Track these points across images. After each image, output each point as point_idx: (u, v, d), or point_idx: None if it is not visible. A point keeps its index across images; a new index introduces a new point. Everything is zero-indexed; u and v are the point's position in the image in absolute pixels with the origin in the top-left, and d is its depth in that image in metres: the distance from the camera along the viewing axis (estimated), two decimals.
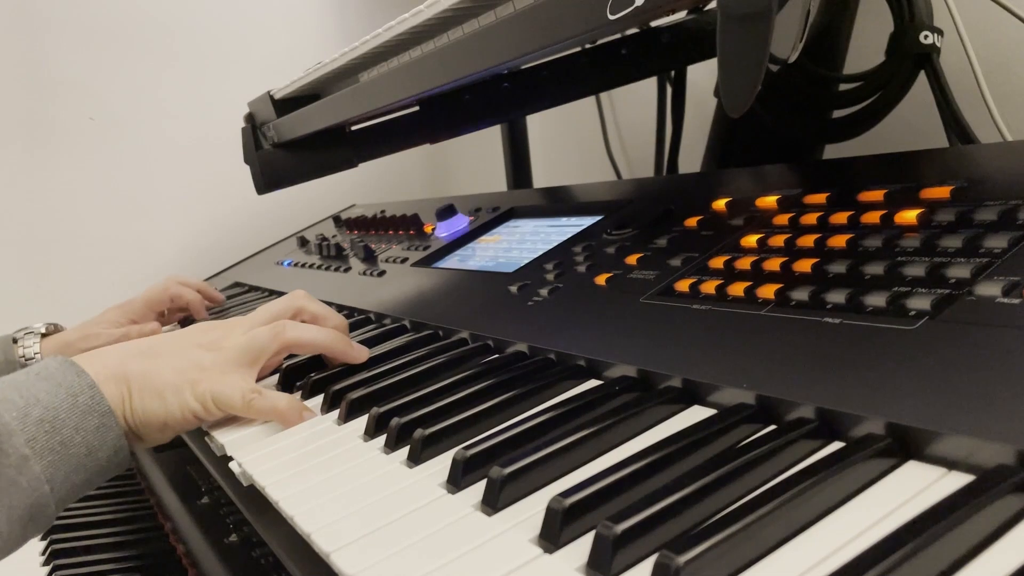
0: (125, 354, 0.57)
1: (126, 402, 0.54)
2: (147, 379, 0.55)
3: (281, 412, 0.54)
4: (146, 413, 0.55)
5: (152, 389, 0.55)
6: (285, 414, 0.54)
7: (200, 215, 1.45)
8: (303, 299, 0.65)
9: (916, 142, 0.61)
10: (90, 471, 0.52)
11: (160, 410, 0.55)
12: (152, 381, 0.55)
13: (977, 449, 0.30)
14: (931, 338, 0.36)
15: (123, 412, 0.54)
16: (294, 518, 0.41)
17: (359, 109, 0.79)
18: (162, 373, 0.56)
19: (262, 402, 0.55)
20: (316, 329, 0.62)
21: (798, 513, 0.30)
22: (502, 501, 0.37)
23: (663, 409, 0.42)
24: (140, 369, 0.56)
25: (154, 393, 0.55)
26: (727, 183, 0.66)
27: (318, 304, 0.66)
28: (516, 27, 0.52)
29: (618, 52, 0.90)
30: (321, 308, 0.65)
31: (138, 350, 0.58)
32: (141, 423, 0.55)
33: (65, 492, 0.50)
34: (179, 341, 0.60)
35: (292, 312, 0.64)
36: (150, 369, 0.56)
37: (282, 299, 0.65)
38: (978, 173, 0.48)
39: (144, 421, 0.55)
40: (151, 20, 1.39)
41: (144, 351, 0.58)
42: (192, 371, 0.57)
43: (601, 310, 0.55)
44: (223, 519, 0.84)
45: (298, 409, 0.55)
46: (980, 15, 0.72)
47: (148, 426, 0.55)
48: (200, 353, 0.58)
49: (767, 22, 0.38)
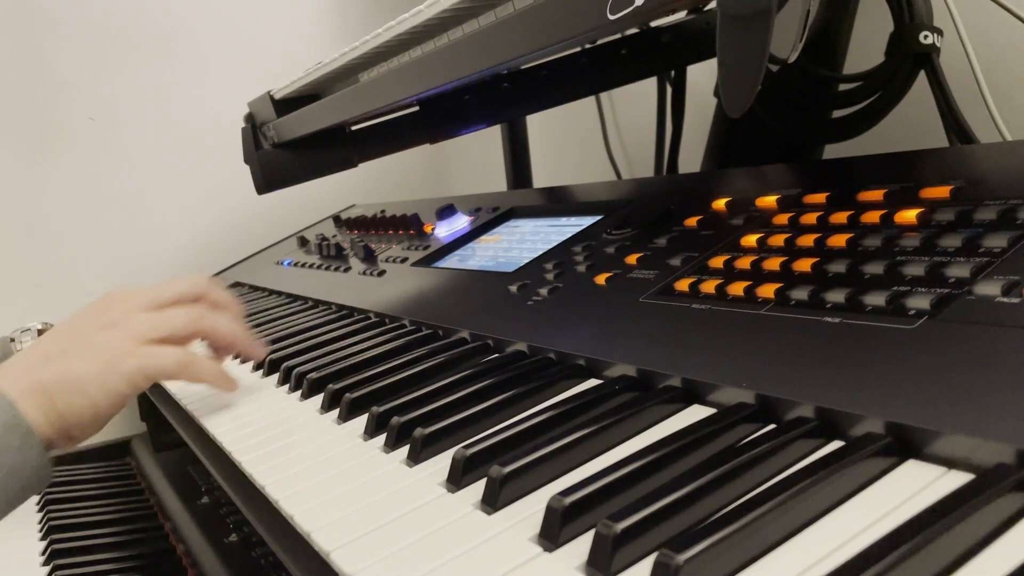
0: (33, 362, 0.56)
1: (48, 409, 0.53)
2: (64, 380, 0.54)
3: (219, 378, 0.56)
4: (73, 411, 0.54)
5: (73, 388, 0.54)
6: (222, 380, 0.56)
7: (200, 215, 1.45)
8: (208, 284, 0.64)
9: (916, 142, 0.61)
10: (13, 491, 0.51)
11: (87, 404, 0.54)
12: (71, 379, 0.54)
13: (977, 448, 0.30)
14: (931, 337, 0.36)
15: (48, 420, 0.53)
16: (294, 517, 0.41)
17: (359, 109, 0.79)
18: (78, 368, 0.55)
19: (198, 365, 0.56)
20: (233, 324, 0.62)
21: (798, 512, 0.30)
22: (502, 500, 0.37)
23: (663, 408, 0.42)
24: (54, 373, 0.54)
25: (76, 391, 0.54)
26: (727, 183, 0.66)
27: (221, 290, 0.65)
28: (516, 27, 0.52)
29: (618, 52, 0.90)
30: (223, 295, 0.65)
31: (45, 355, 0.57)
32: (72, 423, 0.54)
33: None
34: (78, 332, 0.58)
35: (197, 295, 0.62)
36: (64, 369, 0.55)
37: (187, 279, 0.64)
38: (978, 173, 0.48)
39: (75, 421, 0.54)
40: (151, 20, 1.39)
41: (49, 354, 0.57)
42: (107, 355, 0.55)
43: (601, 310, 0.55)
44: (223, 519, 0.84)
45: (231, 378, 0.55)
46: (980, 15, 0.72)
47: (80, 423, 0.54)
48: (107, 335, 0.57)
49: (767, 22, 0.38)
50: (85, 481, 1.08)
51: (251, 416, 0.59)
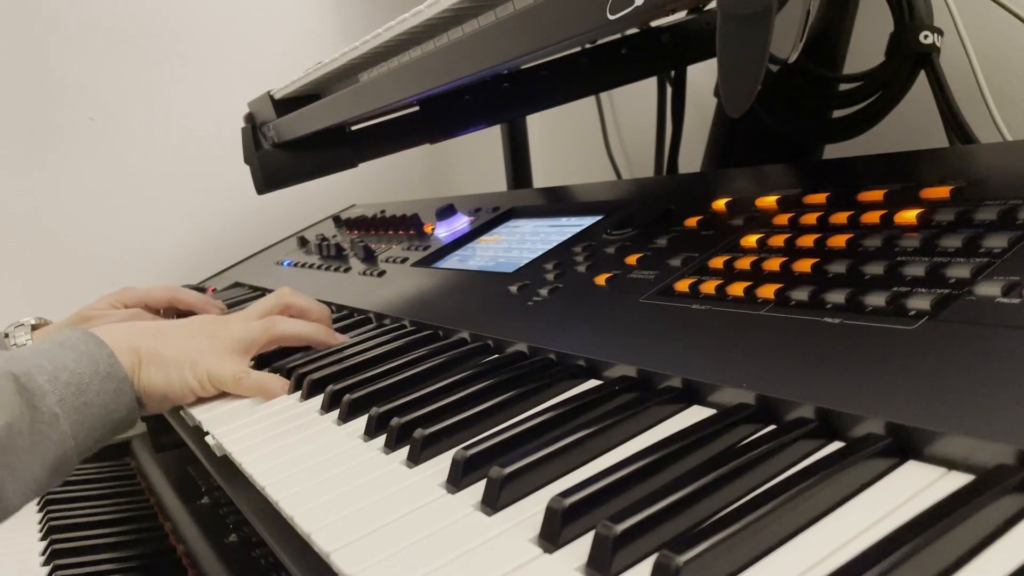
0: (137, 332, 0.66)
1: (135, 371, 0.62)
2: (155, 354, 0.64)
3: (264, 387, 0.63)
4: (151, 383, 0.63)
5: (158, 363, 0.63)
6: (267, 388, 0.63)
7: (200, 215, 1.45)
8: (289, 295, 0.73)
9: (916, 142, 0.61)
10: (106, 428, 0.60)
11: (163, 382, 0.63)
12: (159, 357, 0.64)
13: (977, 449, 0.30)
14: (931, 338, 0.36)
15: (132, 379, 0.62)
16: (294, 518, 0.41)
17: (359, 109, 0.79)
18: (168, 351, 0.64)
19: (248, 380, 0.64)
20: (302, 323, 0.71)
21: (798, 513, 0.30)
22: (502, 501, 0.37)
23: (663, 409, 0.42)
24: (149, 346, 0.64)
25: (160, 367, 0.63)
26: (727, 183, 0.66)
27: (303, 299, 0.74)
28: (516, 27, 0.52)
29: (618, 52, 0.90)
30: (305, 302, 0.74)
31: (148, 331, 0.67)
32: (145, 392, 0.63)
33: (86, 446, 0.58)
34: (183, 329, 0.69)
35: (281, 308, 0.72)
36: (158, 347, 0.64)
37: (271, 296, 0.74)
38: (978, 173, 0.48)
39: (148, 391, 0.63)
40: (152, 20, 1.38)
41: (153, 332, 0.66)
42: (193, 353, 0.65)
43: (601, 310, 0.55)
44: (223, 519, 0.84)
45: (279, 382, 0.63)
46: (980, 15, 0.72)
47: (151, 396, 0.63)
48: (201, 340, 0.67)
49: (767, 22, 0.38)
50: (85, 481, 1.08)
51: (251, 417, 0.59)
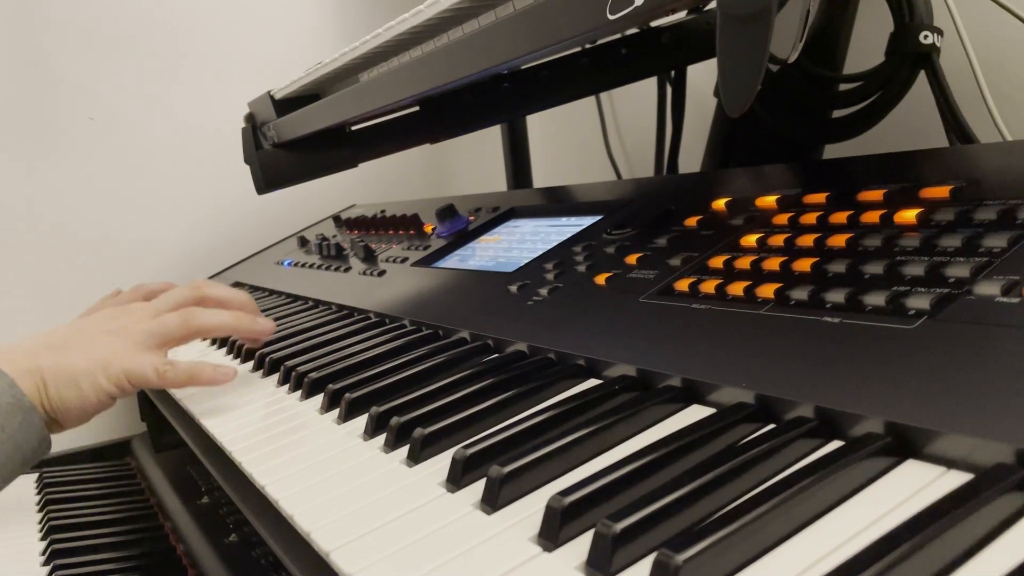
0: (35, 348, 0.60)
1: (42, 393, 0.57)
2: (61, 369, 0.58)
3: (194, 375, 0.57)
4: (63, 401, 0.58)
5: (66, 378, 0.58)
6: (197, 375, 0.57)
7: (200, 215, 1.45)
8: (206, 286, 0.67)
9: (916, 142, 0.61)
10: (16, 463, 0.55)
11: (76, 397, 0.58)
12: (66, 370, 0.58)
13: (976, 448, 0.30)
14: (930, 337, 0.36)
15: (40, 403, 0.57)
16: (294, 517, 0.41)
17: (359, 109, 0.79)
18: (75, 361, 0.59)
19: (174, 371, 0.58)
20: (222, 313, 0.64)
21: (797, 512, 0.30)
22: (501, 500, 0.37)
23: (662, 408, 0.42)
24: (52, 361, 0.58)
25: (69, 382, 0.58)
26: (727, 183, 0.66)
27: (221, 288, 0.68)
28: (516, 27, 0.52)
29: (618, 52, 0.90)
30: (224, 292, 0.68)
31: (47, 343, 0.61)
32: (59, 411, 0.58)
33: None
34: (87, 330, 0.62)
35: (197, 299, 0.66)
36: (62, 360, 0.59)
37: (184, 286, 0.67)
38: (978, 173, 0.48)
39: (62, 409, 0.58)
40: (151, 20, 1.39)
41: (54, 344, 0.61)
42: (104, 355, 0.59)
43: (601, 310, 0.55)
44: (223, 519, 0.84)
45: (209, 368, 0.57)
46: (980, 15, 0.72)
47: (66, 413, 0.58)
48: (109, 339, 0.61)
49: (767, 22, 0.38)
50: (85, 481, 1.08)
51: (251, 416, 0.59)
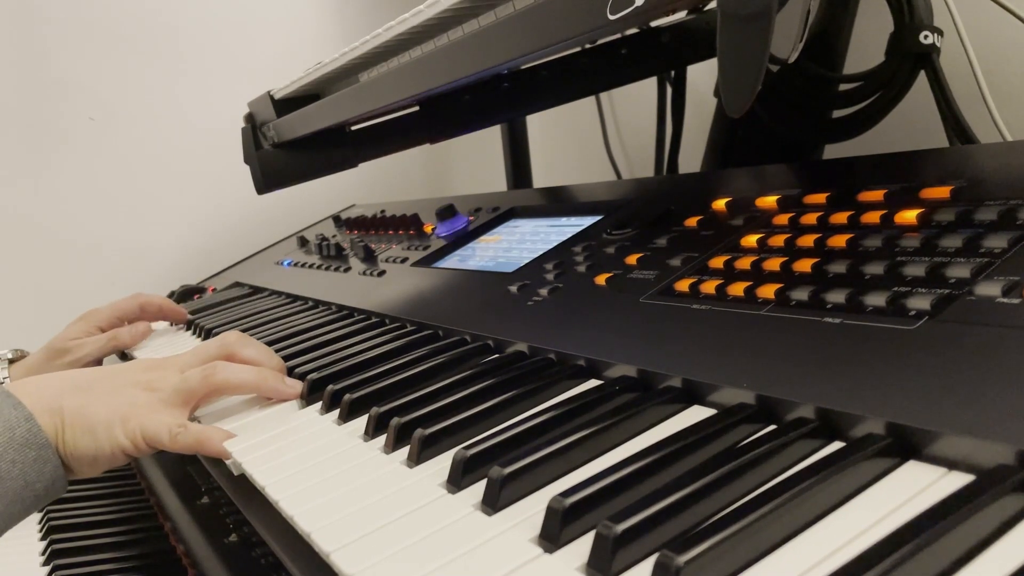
0: (62, 387, 0.58)
1: (59, 435, 0.56)
2: (80, 415, 0.56)
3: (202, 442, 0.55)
4: (77, 448, 0.56)
5: (85, 425, 0.56)
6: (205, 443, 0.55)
7: (200, 215, 1.45)
8: (235, 343, 0.64)
9: (916, 142, 0.61)
10: (27, 502, 0.53)
11: (91, 446, 0.56)
12: (86, 417, 0.56)
13: (977, 449, 0.30)
14: (931, 338, 0.36)
15: (56, 443, 0.55)
16: (294, 518, 0.41)
17: (359, 109, 0.79)
18: (96, 409, 0.57)
19: (185, 435, 0.56)
20: (247, 370, 0.62)
21: (798, 513, 0.30)
22: (502, 501, 0.37)
23: (663, 409, 0.42)
24: (75, 404, 0.57)
25: (86, 429, 0.56)
26: (727, 183, 0.66)
27: (251, 346, 0.65)
28: (516, 27, 0.52)
29: (618, 52, 0.90)
30: (254, 351, 0.64)
31: (74, 384, 0.59)
32: (72, 457, 0.56)
33: (2, 523, 0.52)
34: (116, 378, 0.61)
35: (225, 355, 0.63)
36: (85, 405, 0.57)
37: (214, 340, 0.65)
38: (978, 173, 0.48)
39: (75, 455, 0.56)
40: (151, 20, 1.39)
41: (81, 385, 0.59)
42: (125, 408, 0.57)
43: (601, 310, 0.55)
44: (223, 519, 0.84)
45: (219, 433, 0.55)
46: (980, 15, 0.72)
47: (78, 460, 0.56)
48: (135, 392, 0.59)
49: (767, 22, 0.38)
50: (85, 481, 1.08)
51: (251, 417, 0.59)
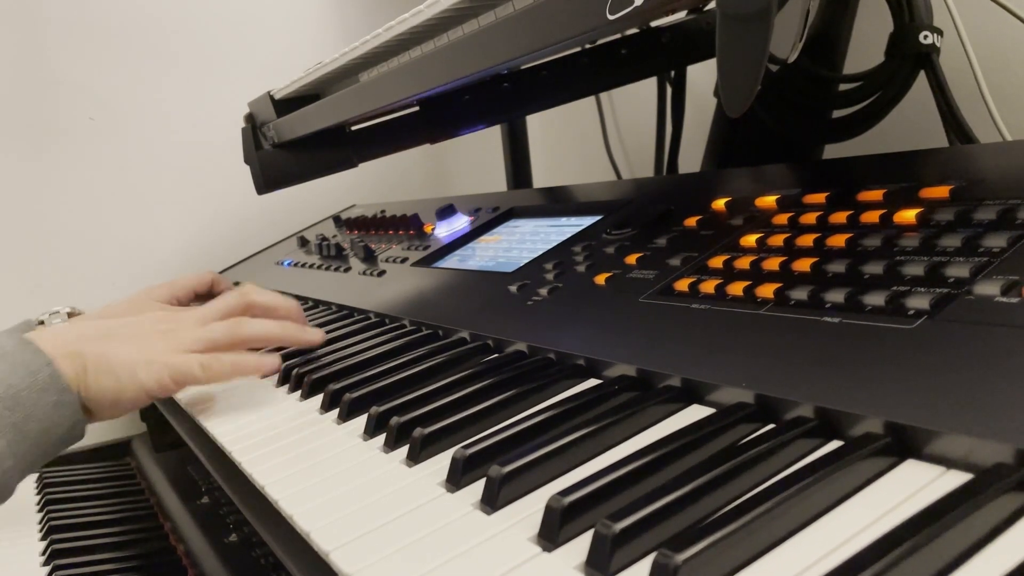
0: (81, 334, 0.59)
1: (81, 379, 0.56)
2: (103, 358, 0.57)
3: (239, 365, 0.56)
4: (100, 390, 0.56)
5: (107, 367, 0.57)
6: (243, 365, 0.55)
7: (200, 215, 1.45)
8: (253, 293, 0.67)
9: (916, 142, 0.61)
10: (47, 445, 0.54)
11: (113, 387, 0.57)
12: (108, 360, 0.57)
13: (975, 448, 0.30)
14: (930, 337, 0.36)
15: (77, 388, 0.56)
16: (293, 517, 0.41)
17: (359, 109, 0.79)
18: (117, 352, 0.58)
19: (218, 363, 0.57)
20: (270, 323, 0.64)
21: (796, 512, 0.30)
22: (501, 500, 0.37)
23: (662, 408, 0.42)
24: (97, 350, 0.57)
25: (108, 371, 0.57)
26: (727, 183, 0.66)
27: (267, 295, 0.67)
28: (516, 27, 0.52)
29: (618, 52, 0.90)
30: (271, 298, 0.67)
31: (95, 331, 0.60)
32: (94, 400, 0.57)
33: (25, 465, 0.52)
34: (136, 327, 0.62)
35: (244, 307, 0.65)
36: (107, 350, 0.58)
37: (232, 294, 0.67)
38: (978, 173, 0.48)
39: (97, 398, 0.57)
40: (151, 20, 1.39)
41: (101, 333, 0.60)
42: (148, 353, 0.59)
43: (601, 310, 0.55)
44: (223, 519, 0.84)
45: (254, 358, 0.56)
46: (980, 15, 0.72)
47: (101, 403, 0.57)
48: (156, 340, 0.60)
49: (767, 22, 0.38)
50: (85, 481, 1.08)
51: (251, 416, 0.59)
